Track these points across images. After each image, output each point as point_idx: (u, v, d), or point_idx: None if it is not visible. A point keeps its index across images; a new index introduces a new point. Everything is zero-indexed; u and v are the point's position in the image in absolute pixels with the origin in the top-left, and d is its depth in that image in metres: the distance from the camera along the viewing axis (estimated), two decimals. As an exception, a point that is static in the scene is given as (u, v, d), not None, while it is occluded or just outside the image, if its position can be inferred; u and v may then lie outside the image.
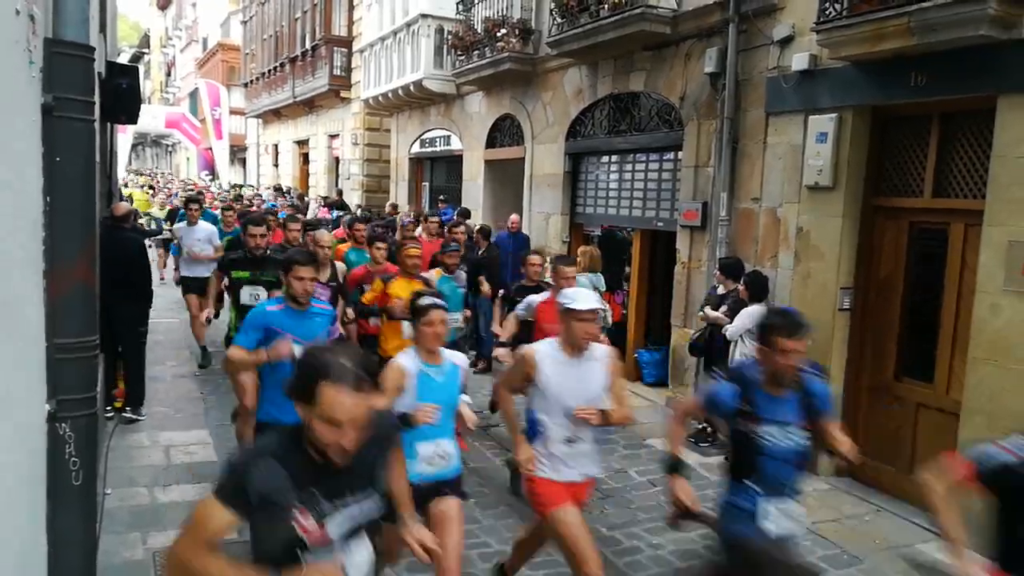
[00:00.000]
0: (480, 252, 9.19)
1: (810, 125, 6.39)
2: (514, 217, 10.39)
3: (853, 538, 5.22)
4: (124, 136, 22.95)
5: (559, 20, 9.19)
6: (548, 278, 6.63)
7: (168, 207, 16.89)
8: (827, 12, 5.84)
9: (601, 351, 3.77)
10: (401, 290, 5.51)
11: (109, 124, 7.78)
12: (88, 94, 2.63)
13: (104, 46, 6.12)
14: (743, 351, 6.21)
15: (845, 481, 6.15)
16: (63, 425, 2.51)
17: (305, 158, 23.24)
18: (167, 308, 10.98)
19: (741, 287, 6.42)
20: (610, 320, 7.44)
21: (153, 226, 13.98)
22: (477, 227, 10.01)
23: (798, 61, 6.44)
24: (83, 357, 2.59)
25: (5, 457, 1.96)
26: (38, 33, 2.38)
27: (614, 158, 9.44)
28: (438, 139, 14.50)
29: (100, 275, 2.89)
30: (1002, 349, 4.99)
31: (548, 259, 8.05)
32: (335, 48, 18.46)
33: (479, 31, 11.58)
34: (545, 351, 3.71)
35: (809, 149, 6.40)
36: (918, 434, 5.85)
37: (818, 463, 5.91)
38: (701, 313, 6.91)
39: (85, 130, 2.64)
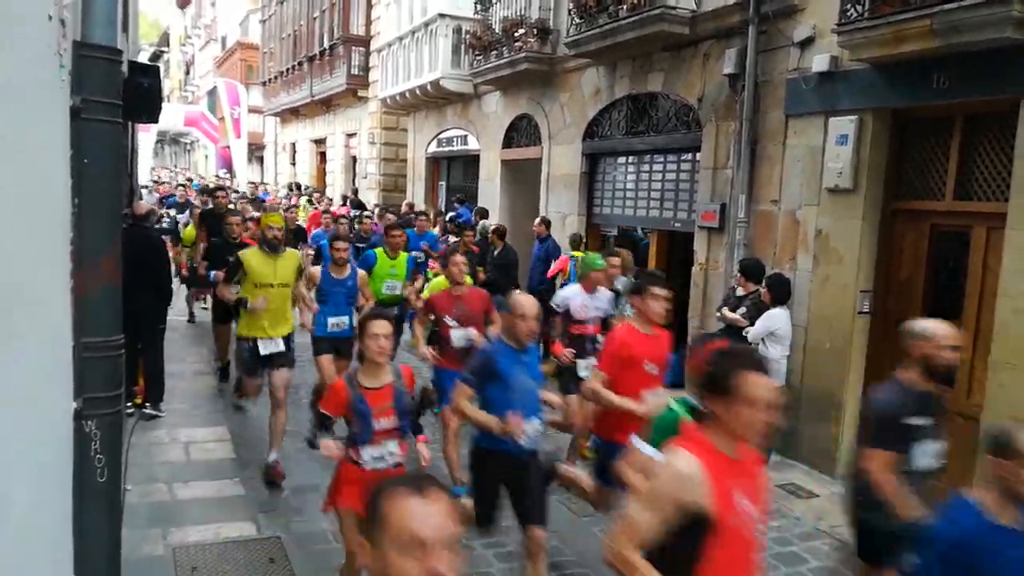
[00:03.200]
0: (496, 252, 9.21)
1: (830, 127, 6.35)
2: (536, 221, 10.04)
3: (871, 543, 5.18)
4: (147, 135, 23.08)
5: (577, 20, 9.18)
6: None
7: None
8: (848, 13, 5.80)
9: None
10: None
11: (130, 123, 7.86)
12: (115, 96, 2.66)
13: (126, 46, 6.18)
14: (764, 354, 6.17)
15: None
16: (89, 423, 2.55)
17: (322, 157, 23.34)
18: (185, 305, 11.05)
19: (763, 289, 6.39)
20: None
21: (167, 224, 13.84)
22: (492, 227, 10.02)
23: (818, 62, 6.40)
24: (109, 356, 2.62)
25: (34, 454, 1.99)
26: (68, 36, 2.41)
27: (631, 159, 9.43)
28: (455, 139, 14.53)
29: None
30: (1024, 354, 4.94)
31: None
32: (353, 47, 18.54)
33: (497, 31, 11.60)
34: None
35: (829, 151, 6.36)
36: (938, 439, 5.80)
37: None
38: (719, 314, 6.89)
39: (111, 132, 2.67)
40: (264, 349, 5.77)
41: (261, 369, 5.89)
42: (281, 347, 5.82)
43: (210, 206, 10.26)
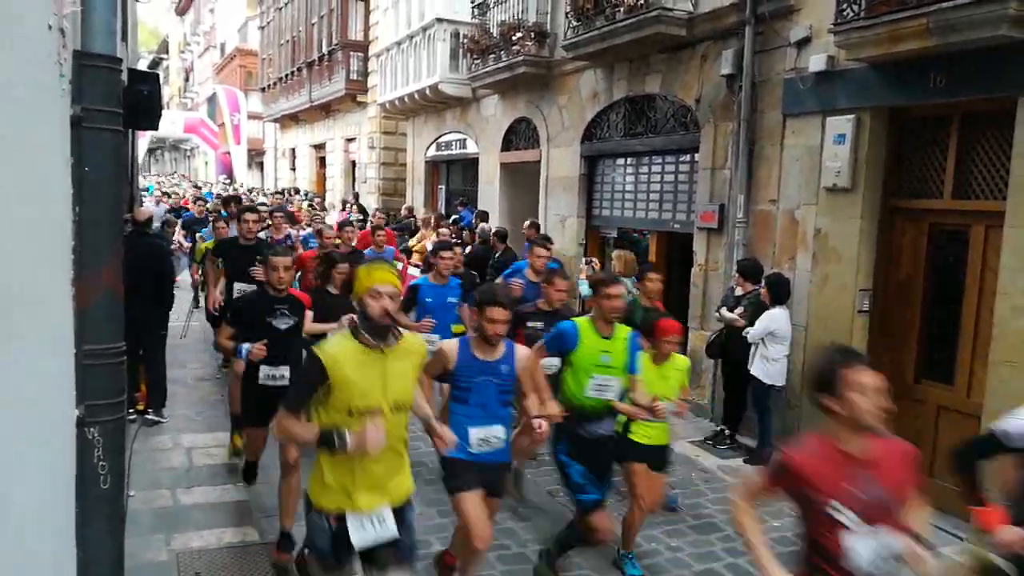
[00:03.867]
0: (497, 256, 9.21)
1: (828, 126, 6.37)
2: (526, 225, 9.79)
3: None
4: (141, 140, 23.19)
5: (575, 23, 9.20)
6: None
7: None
8: (844, 13, 5.82)
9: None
10: None
11: (130, 131, 7.87)
12: (115, 104, 2.68)
13: (126, 54, 6.21)
14: (764, 354, 6.19)
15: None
16: (92, 430, 2.56)
17: (322, 162, 23.39)
18: (186, 311, 11.05)
19: (763, 289, 6.40)
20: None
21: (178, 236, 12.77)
22: (493, 230, 10.03)
23: (815, 62, 6.42)
24: (110, 363, 2.64)
25: (34, 455, 2.00)
26: (68, 46, 2.43)
27: (630, 160, 9.45)
28: (454, 142, 14.56)
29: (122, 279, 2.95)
30: (1024, 351, 4.95)
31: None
32: (351, 52, 18.59)
33: (495, 35, 11.62)
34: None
35: (827, 151, 6.38)
36: (939, 437, 5.80)
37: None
38: (717, 314, 6.91)
39: (112, 140, 2.69)
40: (360, 537, 2.95)
41: (348, 561, 3.05)
42: (392, 531, 3.00)
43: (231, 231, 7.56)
